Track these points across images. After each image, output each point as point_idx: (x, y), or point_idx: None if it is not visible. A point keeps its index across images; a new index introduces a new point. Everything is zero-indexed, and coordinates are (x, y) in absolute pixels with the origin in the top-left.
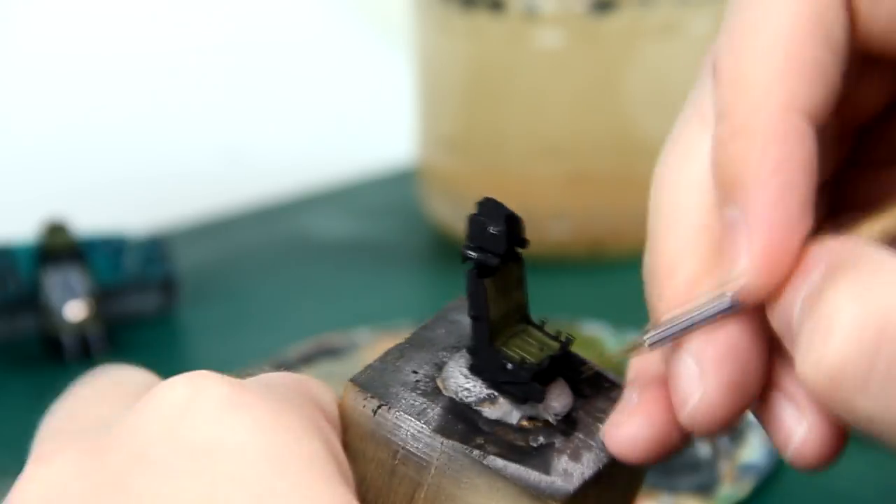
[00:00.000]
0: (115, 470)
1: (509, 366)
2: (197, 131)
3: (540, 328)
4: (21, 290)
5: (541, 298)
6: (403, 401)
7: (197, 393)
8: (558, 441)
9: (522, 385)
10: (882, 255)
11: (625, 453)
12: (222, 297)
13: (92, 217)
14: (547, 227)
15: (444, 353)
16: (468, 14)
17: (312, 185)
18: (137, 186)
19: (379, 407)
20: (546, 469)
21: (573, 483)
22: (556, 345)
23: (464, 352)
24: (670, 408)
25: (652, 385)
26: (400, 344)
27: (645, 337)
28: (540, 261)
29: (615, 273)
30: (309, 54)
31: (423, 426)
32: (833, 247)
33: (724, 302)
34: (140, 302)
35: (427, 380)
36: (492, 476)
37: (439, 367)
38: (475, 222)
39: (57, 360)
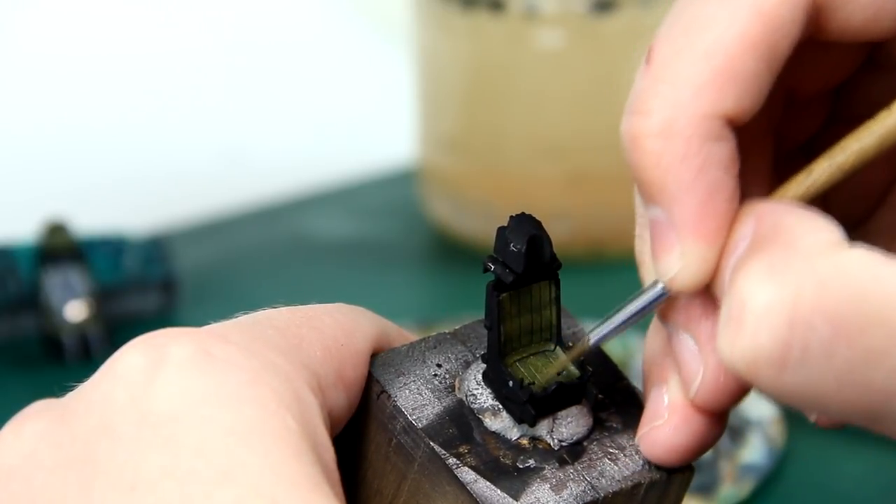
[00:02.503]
0: (83, 440)
1: (510, 383)
2: (197, 131)
3: (568, 349)
4: (21, 290)
5: None
6: (407, 392)
7: (161, 357)
8: (549, 468)
9: (518, 405)
10: (801, 226)
11: (668, 460)
12: (222, 297)
13: (92, 217)
14: (547, 227)
15: (472, 355)
16: (468, 14)
17: (312, 185)
18: (137, 186)
19: (381, 392)
20: (516, 494)
21: None
22: (576, 373)
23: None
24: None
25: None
26: (443, 333)
27: (589, 335)
28: None
29: (615, 273)
30: (309, 54)
31: (414, 422)
32: (761, 213)
33: (659, 290)
34: (140, 302)
35: (447, 376)
36: (459, 487)
37: (468, 364)
38: (501, 236)
39: (57, 360)
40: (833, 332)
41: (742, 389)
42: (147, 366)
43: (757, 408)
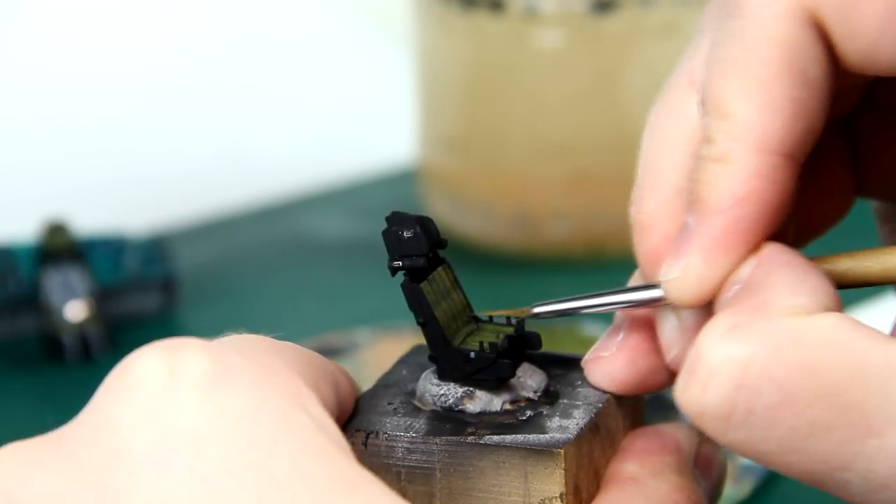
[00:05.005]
0: (93, 467)
1: (472, 354)
2: (197, 131)
3: (489, 321)
4: (21, 290)
5: (541, 299)
6: (388, 424)
7: (175, 372)
8: (545, 410)
9: (491, 367)
10: (784, 285)
11: (603, 386)
12: (222, 297)
13: (92, 217)
14: (547, 227)
15: (412, 385)
16: (468, 14)
17: (312, 185)
18: (137, 186)
19: (367, 437)
20: (542, 430)
21: (571, 433)
22: (510, 329)
23: (429, 370)
24: (652, 350)
25: (637, 326)
26: (366, 391)
27: (535, 309)
28: (540, 261)
29: (615, 273)
30: (309, 54)
31: (414, 436)
32: (762, 260)
33: (656, 293)
34: (140, 302)
35: (404, 405)
36: (493, 452)
37: (411, 394)
38: (389, 235)
39: (57, 360)
40: (780, 399)
41: None
42: (160, 381)
43: None
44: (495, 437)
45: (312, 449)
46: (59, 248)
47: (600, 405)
